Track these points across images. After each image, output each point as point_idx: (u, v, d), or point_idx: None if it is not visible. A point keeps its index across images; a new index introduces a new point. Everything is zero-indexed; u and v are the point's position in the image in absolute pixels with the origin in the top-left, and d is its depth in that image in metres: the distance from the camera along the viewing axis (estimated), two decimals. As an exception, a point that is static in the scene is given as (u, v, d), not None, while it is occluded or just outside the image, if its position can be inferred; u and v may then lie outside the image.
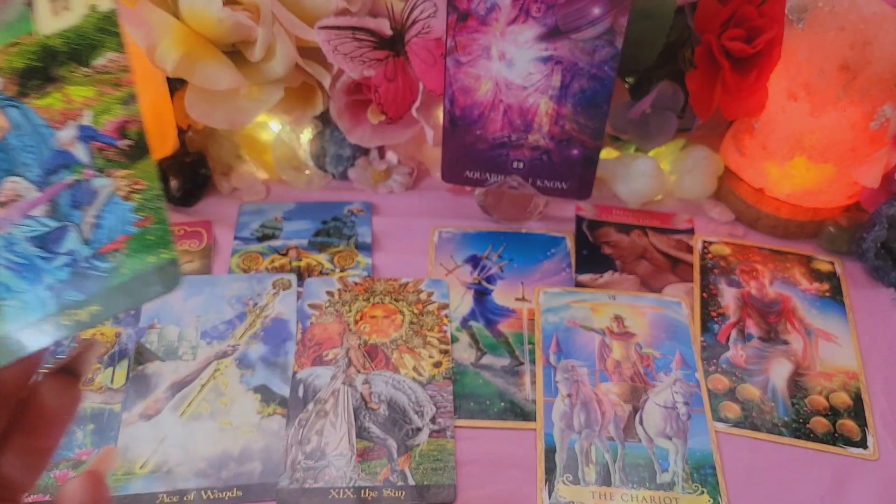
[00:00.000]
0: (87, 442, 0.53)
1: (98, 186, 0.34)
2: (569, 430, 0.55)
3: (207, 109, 0.62)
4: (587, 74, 0.59)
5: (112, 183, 0.34)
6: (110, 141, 0.34)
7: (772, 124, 0.65)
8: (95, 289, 0.33)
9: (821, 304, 0.64)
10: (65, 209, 0.34)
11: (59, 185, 0.34)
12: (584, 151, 0.64)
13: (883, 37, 0.58)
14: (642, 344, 0.60)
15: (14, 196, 0.33)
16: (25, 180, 0.33)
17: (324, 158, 0.71)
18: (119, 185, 0.34)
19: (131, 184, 0.34)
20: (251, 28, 0.59)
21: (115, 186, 0.34)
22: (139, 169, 0.34)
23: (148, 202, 0.34)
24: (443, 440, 0.53)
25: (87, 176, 0.33)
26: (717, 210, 0.70)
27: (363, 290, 0.62)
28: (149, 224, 0.34)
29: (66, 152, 0.34)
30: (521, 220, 0.68)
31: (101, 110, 0.34)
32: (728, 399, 0.57)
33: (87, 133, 0.34)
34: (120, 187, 0.34)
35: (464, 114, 0.63)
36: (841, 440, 0.55)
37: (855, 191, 0.66)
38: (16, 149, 0.33)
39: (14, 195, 0.33)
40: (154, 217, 0.34)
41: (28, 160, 0.33)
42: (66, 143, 0.34)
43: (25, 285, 0.33)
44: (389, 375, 0.57)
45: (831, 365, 0.60)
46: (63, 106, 0.34)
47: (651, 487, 0.52)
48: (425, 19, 0.61)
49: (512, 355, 0.59)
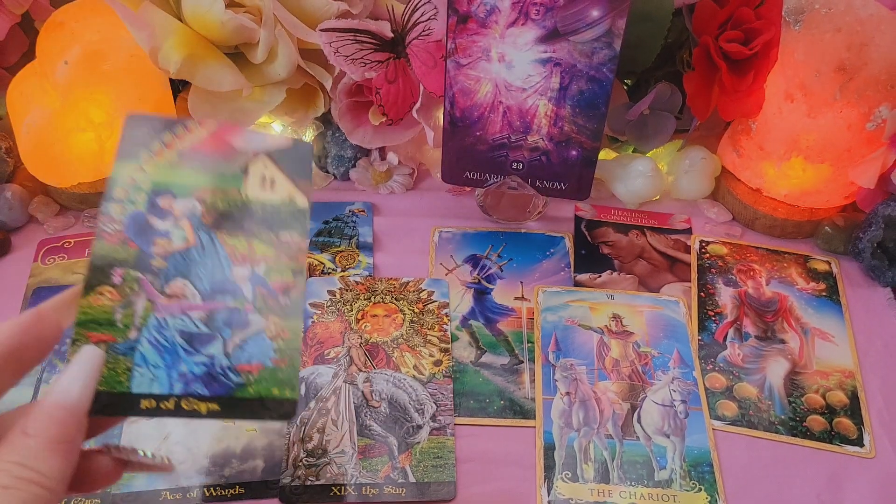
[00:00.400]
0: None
1: (252, 320, 0.41)
2: (567, 427, 0.55)
3: (210, 111, 0.63)
4: (586, 76, 0.60)
5: (264, 323, 0.41)
6: (274, 294, 0.42)
7: (769, 125, 0.65)
8: (220, 392, 0.39)
9: (817, 303, 0.64)
10: (219, 323, 0.41)
11: (220, 304, 0.41)
12: (582, 152, 0.65)
13: (879, 38, 0.59)
14: (640, 343, 0.60)
15: (179, 293, 0.41)
16: (193, 287, 0.41)
17: (325, 159, 0.72)
18: (269, 328, 0.41)
19: (279, 331, 0.41)
20: (253, 30, 0.60)
21: (266, 327, 0.41)
22: (289, 324, 0.41)
23: (288, 349, 0.40)
24: (443, 438, 0.54)
25: (247, 309, 0.41)
26: (715, 210, 0.71)
27: (364, 289, 0.63)
28: (283, 365, 0.40)
29: (237, 284, 0.42)
30: (520, 220, 0.69)
31: (274, 269, 0.43)
32: (725, 397, 0.58)
33: (257, 279, 0.42)
34: (269, 329, 0.41)
35: (464, 115, 0.64)
36: (837, 438, 0.56)
37: (851, 191, 0.67)
38: (194, 262, 0.42)
39: (179, 293, 0.41)
40: (288, 361, 0.40)
41: (202, 274, 0.41)
42: (239, 278, 0.42)
43: (161, 363, 0.39)
44: (390, 374, 0.57)
45: (828, 364, 0.60)
46: (245, 251, 0.43)
47: (649, 485, 0.53)
48: (426, 22, 0.62)
49: (511, 354, 0.60)
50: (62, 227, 0.67)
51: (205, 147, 0.45)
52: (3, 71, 0.69)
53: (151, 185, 0.43)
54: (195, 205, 0.43)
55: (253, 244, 0.43)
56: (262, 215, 0.44)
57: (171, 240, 0.42)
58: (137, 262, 0.41)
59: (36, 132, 0.61)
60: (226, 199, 0.44)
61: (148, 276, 0.41)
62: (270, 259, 0.43)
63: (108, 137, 0.64)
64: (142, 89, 0.64)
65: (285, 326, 0.41)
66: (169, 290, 0.41)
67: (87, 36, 0.60)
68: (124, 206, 0.42)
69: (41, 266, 0.64)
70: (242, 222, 0.43)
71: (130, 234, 0.42)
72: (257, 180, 0.45)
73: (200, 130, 0.45)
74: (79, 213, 0.68)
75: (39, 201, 0.68)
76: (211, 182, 0.44)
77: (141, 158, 0.44)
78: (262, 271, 0.43)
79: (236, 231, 0.43)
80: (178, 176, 0.44)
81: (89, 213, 0.67)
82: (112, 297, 0.40)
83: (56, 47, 0.60)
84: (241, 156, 0.45)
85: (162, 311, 0.40)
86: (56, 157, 0.63)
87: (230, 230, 0.43)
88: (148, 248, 0.42)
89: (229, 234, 0.43)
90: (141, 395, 0.38)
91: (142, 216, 0.42)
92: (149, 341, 0.39)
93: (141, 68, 0.62)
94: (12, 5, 0.64)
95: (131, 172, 0.43)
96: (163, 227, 0.42)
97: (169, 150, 0.44)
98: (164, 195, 0.43)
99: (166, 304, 0.40)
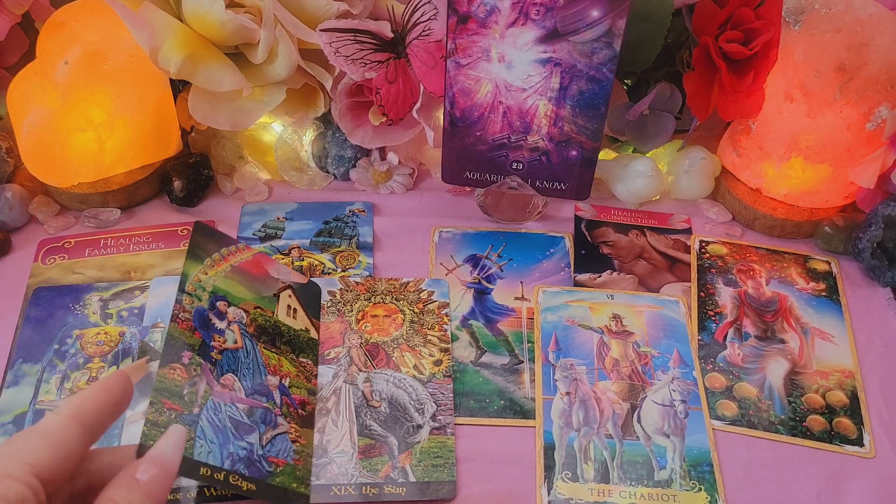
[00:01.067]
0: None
1: (280, 422, 0.50)
2: (567, 427, 0.55)
3: (210, 111, 0.63)
4: (586, 76, 0.60)
5: (287, 427, 0.50)
6: (294, 405, 0.51)
7: (768, 125, 0.65)
8: (257, 476, 0.46)
9: (817, 303, 0.64)
10: (257, 418, 0.48)
11: (258, 402, 0.49)
12: (582, 152, 0.65)
13: (879, 38, 0.59)
14: (640, 342, 0.60)
15: (230, 385, 0.49)
16: (240, 382, 0.49)
17: (325, 159, 0.72)
18: (291, 431, 0.50)
19: (298, 437, 0.50)
20: (253, 30, 0.60)
21: (287, 430, 0.50)
22: (304, 433, 0.51)
23: (303, 452, 0.50)
24: (443, 437, 0.54)
25: (276, 412, 0.50)
26: (715, 210, 0.71)
27: (364, 289, 0.63)
28: (300, 465, 0.49)
29: (270, 389, 0.50)
30: (520, 220, 0.69)
31: (296, 384, 0.52)
32: (725, 397, 0.58)
33: (283, 389, 0.51)
34: (291, 433, 0.50)
35: (464, 115, 0.64)
36: (837, 438, 0.56)
37: (851, 191, 0.67)
38: (241, 362, 0.50)
39: (230, 384, 0.49)
40: (304, 463, 0.49)
41: (245, 374, 0.49)
42: (272, 385, 0.51)
43: (216, 440, 0.46)
44: (390, 374, 0.57)
45: (827, 364, 0.60)
46: (276, 363, 0.52)
47: (649, 485, 0.53)
48: (426, 22, 0.62)
49: (511, 354, 0.60)
50: (62, 227, 0.67)
51: (250, 267, 0.55)
52: (3, 71, 0.69)
53: (213, 288, 0.52)
54: (243, 314, 0.52)
55: (281, 360, 0.52)
56: (287, 338, 0.53)
57: (226, 338, 0.50)
58: (201, 350, 0.49)
59: (36, 132, 0.61)
60: (263, 316, 0.53)
61: (208, 365, 0.48)
62: (293, 376, 0.52)
63: (108, 137, 0.64)
64: (142, 89, 0.64)
65: (302, 434, 0.50)
66: (222, 381, 0.48)
67: (88, 36, 0.60)
68: (193, 300, 0.50)
69: (41, 266, 0.64)
70: (274, 339, 0.52)
71: (196, 325, 0.49)
72: (284, 308, 0.55)
73: (246, 253, 0.55)
74: (79, 213, 0.68)
75: (39, 201, 0.68)
76: (253, 298, 0.53)
77: (205, 263, 0.52)
78: (287, 384, 0.51)
79: (269, 345, 0.52)
80: (231, 286, 0.53)
81: (89, 213, 0.67)
82: (181, 375, 0.47)
83: (56, 47, 0.60)
84: (275, 282, 0.55)
85: (217, 396, 0.47)
86: (56, 157, 0.63)
87: (266, 343, 0.52)
88: (209, 341, 0.49)
89: (265, 346, 0.52)
90: (200, 463, 0.44)
91: (205, 312, 0.50)
92: (207, 419, 0.46)
93: (141, 68, 0.62)
94: (12, 5, 0.64)
95: (198, 272, 0.52)
96: (220, 326, 0.51)
97: (225, 262, 0.54)
98: (221, 300, 0.52)
99: (220, 391, 0.48)
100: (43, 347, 0.58)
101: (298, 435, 0.50)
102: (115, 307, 0.61)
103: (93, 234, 0.67)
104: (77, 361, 0.57)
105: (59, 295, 0.61)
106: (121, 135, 0.65)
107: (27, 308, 0.60)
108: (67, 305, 0.61)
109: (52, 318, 0.60)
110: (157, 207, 0.70)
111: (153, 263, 0.64)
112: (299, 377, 0.53)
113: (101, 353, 0.58)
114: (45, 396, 0.55)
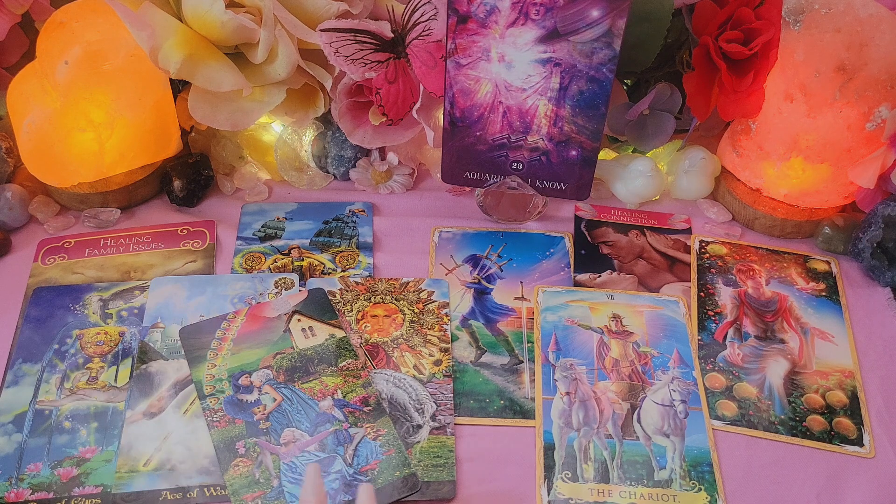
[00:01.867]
0: (91, 440, 0.53)
1: (354, 433, 0.53)
2: (567, 427, 0.55)
3: (210, 111, 0.63)
4: (586, 76, 0.60)
5: (363, 431, 0.53)
6: (357, 408, 0.54)
7: (768, 125, 0.65)
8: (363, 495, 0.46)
9: (817, 303, 0.64)
10: (331, 445, 0.52)
11: (324, 433, 0.53)
12: (582, 152, 0.65)
13: (879, 38, 0.59)
14: (640, 342, 0.60)
15: (291, 440, 0.52)
16: (298, 430, 0.53)
17: (325, 159, 0.72)
18: (368, 432, 0.53)
19: (376, 432, 0.53)
20: (253, 30, 0.60)
21: (366, 433, 0.53)
22: (380, 423, 0.54)
23: (389, 441, 0.53)
24: (443, 437, 0.54)
25: (345, 427, 0.53)
26: (715, 210, 0.71)
27: (364, 289, 0.63)
28: (392, 454, 0.52)
29: (328, 413, 0.54)
30: (520, 220, 0.69)
31: (348, 391, 0.55)
32: (725, 397, 0.58)
33: (340, 403, 0.55)
34: (369, 433, 0.53)
35: (464, 115, 0.64)
36: (837, 438, 0.56)
37: (851, 191, 0.67)
38: (289, 412, 0.54)
39: (291, 439, 0.53)
40: (395, 449, 0.52)
41: (300, 418, 0.53)
42: (327, 408, 0.54)
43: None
44: (390, 373, 0.57)
45: (827, 363, 0.60)
46: (321, 388, 0.55)
47: (649, 485, 0.53)
48: (426, 22, 0.62)
49: (511, 354, 0.60)
50: (62, 227, 0.67)
51: (249, 327, 0.58)
52: (3, 71, 0.69)
53: (227, 373, 0.56)
54: (267, 373, 0.56)
55: (323, 380, 0.55)
56: (318, 357, 0.57)
57: (265, 404, 0.54)
58: (249, 432, 0.53)
59: (36, 132, 0.61)
60: (286, 358, 0.57)
61: (262, 438, 0.52)
62: (342, 385, 0.55)
63: (108, 137, 0.64)
64: (142, 89, 0.64)
65: (377, 426, 0.53)
66: (283, 440, 0.52)
67: (88, 36, 0.60)
68: (217, 398, 0.55)
69: (41, 266, 0.64)
70: (307, 368, 0.56)
71: (232, 415, 0.54)
72: (300, 334, 0.58)
73: (239, 317, 0.59)
74: (79, 213, 0.68)
75: (39, 201, 0.68)
76: (268, 351, 0.57)
77: (208, 357, 0.57)
78: (340, 396, 0.55)
79: (307, 377, 0.56)
80: (242, 358, 0.57)
81: (89, 213, 0.67)
82: (245, 465, 0.51)
83: (56, 47, 0.60)
84: (279, 321, 0.59)
85: (286, 457, 0.52)
86: (56, 157, 0.63)
87: (302, 379, 0.56)
88: (251, 419, 0.53)
89: (302, 381, 0.55)
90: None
91: (233, 398, 0.55)
92: (289, 481, 0.51)
93: (141, 68, 0.62)
94: (12, 5, 0.64)
95: (206, 371, 0.56)
96: (252, 398, 0.54)
97: (224, 342, 0.57)
98: (241, 376, 0.56)
99: (286, 451, 0.52)
100: (43, 347, 0.58)
101: (376, 430, 0.53)
102: (114, 307, 0.61)
103: (93, 234, 0.67)
104: (77, 361, 0.57)
105: (58, 295, 0.61)
106: (121, 135, 0.65)
107: (27, 308, 0.60)
108: (67, 305, 0.61)
109: (52, 318, 0.60)
110: (157, 207, 0.70)
111: (153, 263, 0.64)
112: (348, 381, 0.56)
113: (101, 353, 0.58)
114: (45, 396, 0.55)
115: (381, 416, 0.54)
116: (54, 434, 0.53)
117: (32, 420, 0.54)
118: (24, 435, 0.53)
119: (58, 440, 0.53)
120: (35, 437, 0.53)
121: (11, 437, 0.53)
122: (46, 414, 0.54)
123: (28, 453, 0.52)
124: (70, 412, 0.54)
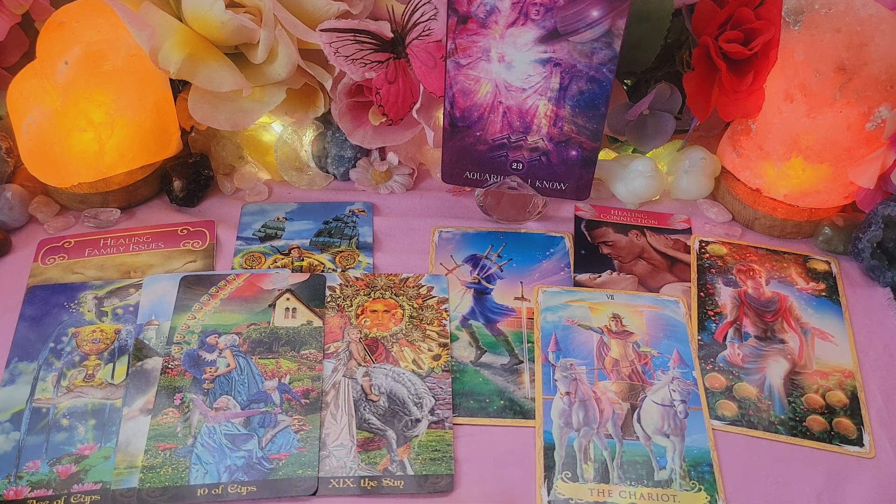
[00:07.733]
0: (90, 437, 0.53)
1: (280, 420, 0.54)
2: (567, 427, 0.55)
3: (210, 111, 0.63)
4: (586, 76, 0.60)
5: (289, 420, 0.54)
6: (296, 397, 0.55)
7: (768, 125, 0.65)
8: (257, 477, 0.51)
9: (817, 303, 0.64)
10: (254, 425, 0.53)
11: (255, 411, 0.54)
12: (582, 153, 0.65)
13: (879, 38, 0.59)
14: (640, 342, 0.60)
15: (224, 406, 0.54)
16: (234, 400, 0.54)
17: (325, 159, 0.72)
18: (293, 423, 0.53)
19: (301, 426, 0.53)
20: (253, 30, 0.60)
21: (291, 423, 0.53)
22: (309, 419, 0.54)
23: (309, 439, 0.53)
24: (441, 431, 0.54)
25: (276, 412, 0.54)
26: (715, 210, 0.71)
27: (364, 285, 0.63)
28: (305, 451, 0.52)
29: (267, 394, 0.55)
30: (520, 220, 0.69)
31: (296, 378, 0.56)
32: (725, 397, 0.58)
33: (283, 387, 0.55)
34: (294, 425, 0.53)
35: (464, 115, 0.64)
36: (837, 438, 0.56)
37: (851, 191, 0.67)
38: (234, 381, 0.55)
39: (224, 406, 0.54)
40: (309, 448, 0.52)
41: (241, 390, 0.55)
42: (269, 389, 0.55)
43: (212, 460, 0.51)
44: (389, 368, 0.57)
45: (827, 364, 0.60)
46: (273, 368, 0.56)
47: (649, 485, 0.53)
48: (426, 22, 0.62)
49: (511, 354, 0.60)
50: (62, 227, 0.67)
51: (241, 292, 0.60)
52: (3, 71, 0.69)
53: (202, 328, 0.58)
54: (234, 338, 0.58)
55: (279, 362, 0.57)
56: (286, 338, 0.58)
57: (217, 367, 0.56)
58: (192, 387, 0.55)
59: (36, 132, 0.61)
60: (258, 330, 0.58)
61: (199, 397, 0.54)
62: (293, 371, 0.56)
63: (108, 137, 0.64)
64: (142, 89, 0.64)
65: (307, 420, 0.54)
66: (216, 405, 0.54)
67: (88, 36, 0.60)
68: (181, 347, 0.57)
69: (41, 266, 0.64)
70: (271, 346, 0.57)
71: (186, 367, 0.56)
72: (282, 312, 0.59)
73: (238, 280, 0.61)
74: (79, 213, 0.68)
75: (39, 201, 0.68)
76: (245, 319, 0.59)
77: (192, 309, 0.59)
78: (287, 381, 0.56)
79: (266, 354, 0.57)
80: (221, 318, 0.59)
81: (89, 213, 0.67)
82: (174, 416, 0.53)
83: (56, 47, 0.60)
84: (269, 295, 0.60)
85: (211, 421, 0.53)
86: (56, 157, 0.63)
87: (262, 354, 0.57)
88: (200, 376, 0.55)
89: (261, 357, 0.57)
90: (197, 486, 0.50)
91: (194, 352, 0.57)
92: (202, 444, 0.52)
93: (141, 68, 0.62)
94: (12, 5, 0.64)
95: (185, 321, 0.58)
96: (210, 357, 0.56)
97: (214, 299, 0.60)
98: (211, 334, 0.58)
99: (214, 415, 0.53)
100: (39, 345, 0.58)
101: (302, 423, 0.53)
102: (109, 305, 0.61)
103: (93, 234, 0.67)
104: (73, 359, 0.57)
105: (54, 293, 0.61)
106: (121, 135, 0.65)
107: (22, 307, 0.60)
108: (62, 304, 0.61)
109: (48, 317, 0.60)
110: (157, 207, 0.70)
111: (153, 263, 0.64)
112: (301, 370, 0.56)
113: (96, 351, 0.58)
114: (42, 394, 0.55)
115: (314, 412, 0.54)
116: (52, 432, 0.53)
117: (30, 418, 0.54)
118: (21, 433, 0.53)
119: (56, 438, 0.53)
120: (33, 434, 0.53)
121: (9, 435, 0.53)
122: (44, 412, 0.54)
123: (26, 451, 0.52)
124: (67, 410, 0.54)
